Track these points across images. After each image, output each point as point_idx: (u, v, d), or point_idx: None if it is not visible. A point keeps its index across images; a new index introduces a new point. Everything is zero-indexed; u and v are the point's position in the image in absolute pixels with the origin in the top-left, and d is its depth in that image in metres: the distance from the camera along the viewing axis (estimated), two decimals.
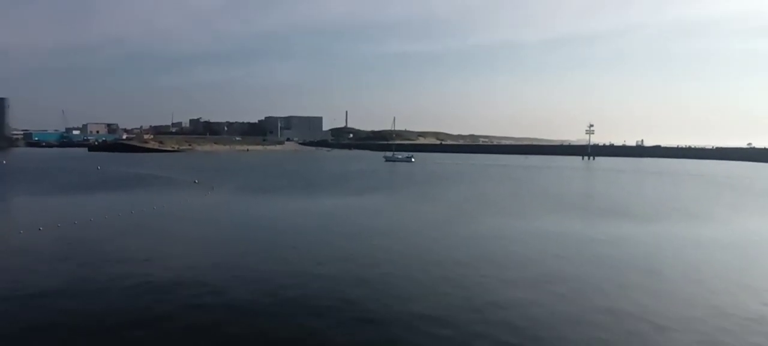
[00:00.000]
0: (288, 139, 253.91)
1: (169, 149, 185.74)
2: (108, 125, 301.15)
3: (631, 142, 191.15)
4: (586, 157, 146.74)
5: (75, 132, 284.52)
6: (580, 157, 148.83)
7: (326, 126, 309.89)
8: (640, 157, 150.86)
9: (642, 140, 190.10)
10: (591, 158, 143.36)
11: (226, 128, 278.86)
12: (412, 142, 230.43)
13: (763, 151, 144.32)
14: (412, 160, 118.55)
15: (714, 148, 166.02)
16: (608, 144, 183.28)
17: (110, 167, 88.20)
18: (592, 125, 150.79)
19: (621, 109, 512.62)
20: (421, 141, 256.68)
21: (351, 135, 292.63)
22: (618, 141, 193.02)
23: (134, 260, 20.94)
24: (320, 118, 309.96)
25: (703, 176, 78.89)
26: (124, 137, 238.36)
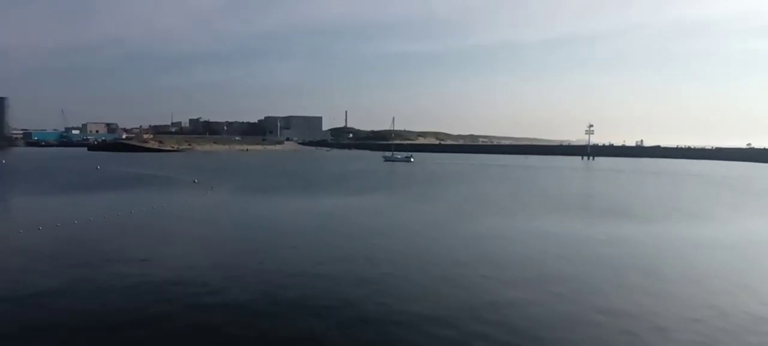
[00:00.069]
0: (287, 139, 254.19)
1: (169, 149, 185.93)
2: (108, 125, 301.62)
3: (631, 142, 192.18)
4: (586, 157, 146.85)
5: (74, 132, 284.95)
6: (580, 157, 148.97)
7: (326, 126, 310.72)
8: (640, 157, 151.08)
9: (642, 140, 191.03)
10: (591, 158, 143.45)
11: (226, 128, 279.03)
12: (412, 142, 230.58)
13: (763, 151, 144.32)
14: (412, 160, 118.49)
15: (714, 148, 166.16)
16: (608, 144, 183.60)
17: (110, 167, 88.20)
18: (592, 125, 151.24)
19: (621, 109, 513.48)
20: (421, 141, 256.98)
21: (351, 135, 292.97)
22: (618, 141, 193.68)
23: (134, 260, 20.93)
24: (320, 118, 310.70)
25: (703, 176, 78.91)
26: (124, 137, 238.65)
